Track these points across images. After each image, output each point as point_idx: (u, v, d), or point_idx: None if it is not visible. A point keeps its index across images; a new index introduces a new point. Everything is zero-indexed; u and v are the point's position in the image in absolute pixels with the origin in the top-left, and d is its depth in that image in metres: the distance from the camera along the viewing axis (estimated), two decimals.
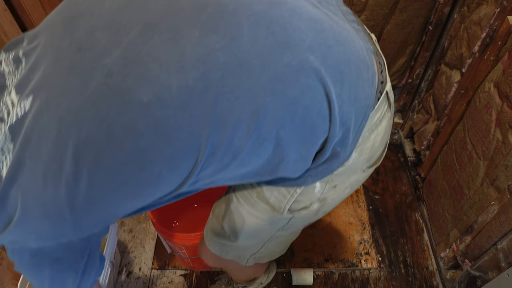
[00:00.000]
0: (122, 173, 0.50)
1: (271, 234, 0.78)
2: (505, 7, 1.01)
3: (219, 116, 0.50)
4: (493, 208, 1.06)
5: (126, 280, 1.40)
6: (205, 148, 0.51)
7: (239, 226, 0.76)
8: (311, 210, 0.71)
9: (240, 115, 0.51)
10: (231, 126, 0.51)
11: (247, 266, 0.90)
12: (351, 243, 1.47)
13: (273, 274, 1.35)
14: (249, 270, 1.06)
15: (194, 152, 0.51)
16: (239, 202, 0.74)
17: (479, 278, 1.13)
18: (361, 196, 1.60)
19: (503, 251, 1.03)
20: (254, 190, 0.70)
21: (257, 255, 0.85)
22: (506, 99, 0.98)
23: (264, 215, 0.72)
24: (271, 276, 1.34)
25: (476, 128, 1.13)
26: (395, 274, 1.41)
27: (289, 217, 0.72)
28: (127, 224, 1.53)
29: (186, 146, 0.50)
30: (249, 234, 0.76)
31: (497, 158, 1.02)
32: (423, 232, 1.50)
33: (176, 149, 0.50)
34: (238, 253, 0.86)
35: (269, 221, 0.73)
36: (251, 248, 0.83)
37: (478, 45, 1.14)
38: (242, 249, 0.83)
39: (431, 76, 1.48)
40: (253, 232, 0.76)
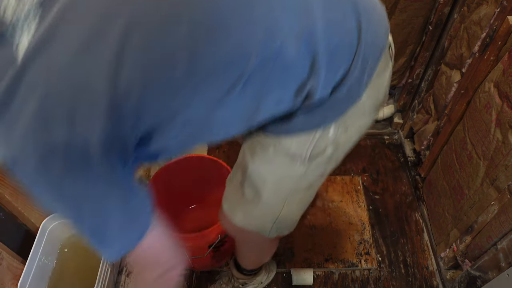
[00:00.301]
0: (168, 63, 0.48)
1: (291, 187, 0.78)
2: (505, 7, 1.01)
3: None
4: (493, 208, 1.06)
5: (126, 280, 1.40)
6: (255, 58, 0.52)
7: (260, 185, 0.77)
8: (325, 156, 0.73)
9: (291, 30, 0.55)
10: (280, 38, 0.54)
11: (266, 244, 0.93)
12: (351, 243, 1.47)
13: (273, 274, 1.36)
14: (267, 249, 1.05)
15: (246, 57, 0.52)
16: (256, 162, 0.75)
17: (479, 278, 1.13)
18: (361, 196, 1.60)
19: (503, 251, 1.03)
20: (271, 145, 0.72)
21: (278, 221, 0.85)
22: (506, 99, 0.98)
23: (283, 168, 0.74)
24: (271, 276, 1.34)
25: (476, 128, 1.13)
26: (395, 274, 1.41)
27: (305, 167, 0.74)
28: None
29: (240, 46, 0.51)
30: (271, 191, 0.77)
31: (497, 158, 1.02)
32: (423, 232, 1.50)
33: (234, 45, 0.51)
34: (261, 220, 0.85)
35: (288, 173, 0.75)
36: (273, 208, 0.82)
37: (478, 45, 1.14)
38: (265, 212, 0.83)
39: (431, 76, 1.48)
40: (274, 189, 0.77)
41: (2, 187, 1.09)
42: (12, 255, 1.17)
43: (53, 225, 1.30)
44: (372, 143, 1.78)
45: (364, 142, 1.78)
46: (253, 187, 0.78)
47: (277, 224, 0.85)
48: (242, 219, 0.85)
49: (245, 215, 0.85)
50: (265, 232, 0.87)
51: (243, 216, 0.85)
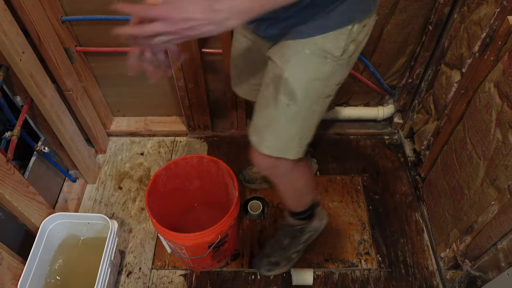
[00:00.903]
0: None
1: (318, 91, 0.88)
2: (505, 7, 1.01)
3: None
4: (493, 208, 1.06)
5: (126, 280, 1.40)
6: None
7: (295, 88, 0.86)
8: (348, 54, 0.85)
9: None
10: None
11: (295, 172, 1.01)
12: (351, 243, 1.47)
13: (325, 222, 1.41)
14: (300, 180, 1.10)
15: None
16: (291, 67, 0.85)
17: (479, 278, 1.13)
18: (361, 196, 1.60)
19: (503, 251, 1.03)
20: (307, 47, 0.83)
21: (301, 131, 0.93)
22: (506, 99, 0.98)
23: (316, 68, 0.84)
24: (323, 223, 1.40)
25: (476, 128, 1.13)
26: (395, 274, 1.41)
27: (333, 66, 0.85)
28: (127, 224, 1.53)
29: None
30: (304, 93, 0.87)
31: (497, 158, 1.02)
32: (423, 232, 1.50)
33: None
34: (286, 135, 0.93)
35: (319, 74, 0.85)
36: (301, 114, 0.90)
37: (478, 45, 1.14)
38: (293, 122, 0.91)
39: (431, 76, 1.48)
40: (307, 91, 0.87)
41: (2, 187, 1.09)
42: (12, 255, 1.17)
43: (53, 225, 1.30)
44: (372, 143, 1.78)
45: (364, 142, 1.78)
46: (288, 92, 0.87)
47: (300, 134, 0.93)
48: (269, 143, 0.93)
49: (272, 135, 0.92)
50: (290, 151, 0.94)
51: (270, 137, 0.93)
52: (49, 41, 1.27)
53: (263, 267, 1.37)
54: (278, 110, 0.89)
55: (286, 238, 1.35)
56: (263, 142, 0.94)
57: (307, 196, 1.21)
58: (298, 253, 1.38)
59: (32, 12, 1.17)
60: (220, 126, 1.79)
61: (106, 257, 1.20)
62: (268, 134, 0.93)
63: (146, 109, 1.79)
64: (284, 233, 1.36)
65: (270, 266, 1.36)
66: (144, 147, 1.79)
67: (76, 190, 1.61)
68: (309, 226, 1.33)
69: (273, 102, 0.89)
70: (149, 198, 1.22)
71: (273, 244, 1.38)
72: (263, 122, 0.94)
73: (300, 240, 1.35)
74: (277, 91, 0.88)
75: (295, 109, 0.89)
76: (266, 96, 0.91)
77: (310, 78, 0.86)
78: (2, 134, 1.25)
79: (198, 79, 1.52)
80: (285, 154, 0.94)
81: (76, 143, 1.47)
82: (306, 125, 0.93)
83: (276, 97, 0.88)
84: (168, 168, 1.30)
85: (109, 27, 1.41)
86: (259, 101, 0.94)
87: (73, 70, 1.45)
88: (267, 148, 0.93)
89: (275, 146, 0.94)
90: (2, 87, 1.25)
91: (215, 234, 1.17)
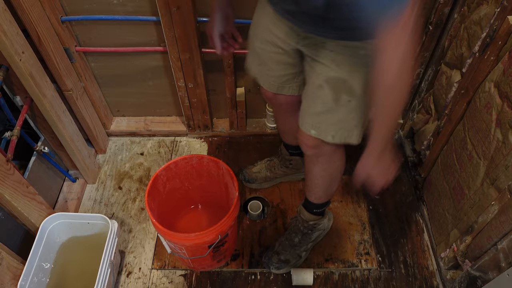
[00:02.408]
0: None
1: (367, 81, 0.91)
2: (505, 7, 1.01)
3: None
4: (493, 208, 1.06)
5: (126, 280, 1.40)
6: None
7: (354, 86, 0.93)
8: None
9: None
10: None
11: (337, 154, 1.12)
12: (351, 243, 1.47)
13: (331, 222, 1.48)
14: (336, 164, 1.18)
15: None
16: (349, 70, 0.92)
17: (479, 278, 1.13)
18: (361, 196, 1.60)
19: (503, 251, 1.03)
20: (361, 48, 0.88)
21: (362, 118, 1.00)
22: (507, 99, 0.98)
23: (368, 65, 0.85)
24: (330, 223, 1.46)
25: (476, 128, 1.13)
26: (395, 274, 1.40)
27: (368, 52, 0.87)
28: (127, 224, 1.53)
29: None
30: (363, 85, 0.93)
31: (497, 158, 1.02)
32: (423, 232, 1.50)
33: None
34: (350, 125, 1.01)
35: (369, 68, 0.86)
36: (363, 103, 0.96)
37: (478, 45, 1.14)
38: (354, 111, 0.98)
39: (431, 76, 1.48)
40: (364, 83, 0.92)
41: (2, 187, 1.09)
42: (12, 255, 1.17)
43: (53, 225, 1.30)
44: None
45: (364, 142, 1.78)
46: (348, 91, 0.93)
47: (361, 121, 1.00)
48: (334, 132, 1.01)
49: (336, 126, 1.00)
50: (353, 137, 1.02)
51: (335, 128, 1.00)
52: (49, 41, 1.27)
53: (272, 264, 1.38)
54: (340, 107, 0.96)
55: (297, 235, 1.38)
56: (328, 133, 1.01)
57: (335, 185, 1.25)
58: (306, 252, 1.40)
59: (32, 12, 1.17)
60: (220, 126, 1.79)
61: (106, 257, 1.20)
62: (332, 126, 1.01)
63: (146, 109, 1.79)
64: (295, 230, 1.39)
65: (280, 264, 1.37)
66: (144, 147, 1.79)
67: (76, 190, 1.61)
68: (321, 223, 1.37)
69: (333, 101, 0.96)
70: (149, 198, 1.21)
71: (283, 241, 1.40)
72: (324, 117, 1.00)
73: (311, 237, 1.38)
74: (337, 92, 0.94)
75: (356, 103, 0.96)
76: (322, 97, 0.97)
77: (366, 76, 0.90)
78: (2, 134, 1.25)
79: (198, 79, 1.52)
80: (349, 139, 1.03)
81: (76, 143, 1.47)
82: (364, 112, 0.99)
83: (336, 97, 0.95)
84: (168, 168, 1.30)
85: (109, 27, 1.43)
86: (312, 99, 1.00)
87: (73, 70, 1.45)
88: (332, 137, 1.02)
89: (339, 135, 1.01)
90: (2, 87, 1.25)
91: (215, 234, 1.17)
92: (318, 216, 1.35)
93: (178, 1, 1.24)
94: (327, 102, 0.97)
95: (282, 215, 1.54)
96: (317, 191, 1.26)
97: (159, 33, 1.42)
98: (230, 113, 1.71)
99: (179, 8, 1.26)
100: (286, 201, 1.58)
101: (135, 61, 1.54)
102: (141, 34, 1.43)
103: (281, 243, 1.40)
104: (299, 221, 1.38)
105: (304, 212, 1.35)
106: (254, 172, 1.60)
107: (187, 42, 1.37)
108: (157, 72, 1.58)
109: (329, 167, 1.16)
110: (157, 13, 1.31)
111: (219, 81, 1.59)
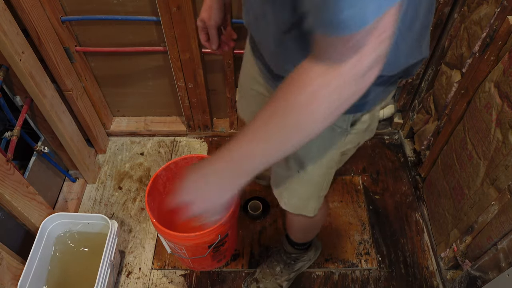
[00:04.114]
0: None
1: (331, 157, 0.83)
2: (506, 7, 1.01)
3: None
4: (493, 208, 1.06)
5: (126, 280, 1.40)
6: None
7: (304, 157, 0.82)
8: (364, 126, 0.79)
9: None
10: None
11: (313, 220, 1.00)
12: (351, 243, 1.47)
13: (319, 251, 1.42)
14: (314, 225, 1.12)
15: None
16: None
17: (479, 278, 1.13)
18: (361, 196, 1.60)
19: (503, 251, 1.03)
20: None
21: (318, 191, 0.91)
22: (507, 99, 0.98)
23: (325, 139, 0.78)
24: (318, 253, 1.41)
25: (476, 128, 1.13)
26: (395, 274, 1.40)
27: (345, 136, 0.78)
28: (127, 224, 1.53)
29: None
30: (314, 161, 0.83)
31: (497, 158, 1.02)
32: (423, 232, 1.50)
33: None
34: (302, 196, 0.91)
35: (330, 143, 0.79)
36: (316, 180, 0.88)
37: (478, 45, 1.14)
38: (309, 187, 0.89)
39: (431, 76, 1.48)
40: (317, 159, 0.82)
41: (2, 187, 1.09)
42: (12, 255, 1.17)
43: (53, 225, 1.30)
44: (372, 143, 1.78)
45: (364, 142, 1.77)
46: (297, 160, 0.83)
47: (316, 194, 0.91)
48: (287, 200, 0.93)
49: (288, 193, 0.92)
50: (307, 209, 0.94)
51: (287, 195, 0.92)
52: (49, 41, 1.27)
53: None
54: (291, 175, 0.87)
55: (278, 264, 1.32)
56: (282, 198, 0.94)
57: (315, 231, 1.20)
58: (288, 282, 1.34)
59: (32, 12, 1.17)
60: (220, 126, 1.79)
61: (106, 257, 1.20)
62: (285, 192, 0.93)
63: (146, 109, 1.79)
64: (277, 259, 1.33)
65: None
66: (144, 147, 1.79)
67: (76, 190, 1.61)
68: (304, 255, 1.32)
69: (285, 166, 0.87)
70: (149, 198, 1.21)
71: (264, 268, 1.35)
72: (279, 180, 0.92)
73: (293, 268, 1.33)
74: (287, 158, 0.83)
75: (307, 177, 0.86)
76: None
77: (318, 149, 0.81)
78: (2, 134, 1.25)
79: (198, 79, 1.52)
80: (302, 212, 0.95)
81: (76, 143, 1.47)
82: (321, 185, 0.90)
83: (286, 163, 0.86)
84: (168, 168, 1.30)
85: (109, 27, 1.43)
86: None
87: (73, 70, 1.45)
88: (285, 204, 0.95)
89: (292, 204, 0.94)
90: (2, 87, 1.25)
91: (215, 234, 1.17)
92: (301, 250, 1.29)
93: (178, 1, 1.24)
94: (280, 164, 0.87)
95: (282, 215, 1.54)
96: (296, 235, 1.20)
97: (159, 33, 1.42)
98: (230, 113, 1.71)
99: (179, 8, 1.26)
100: None
101: (135, 61, 1.54)
102: (141, 34, 1.43)
103: (262, 270, 1.35)
104: (282, 251, 1.31)
105: (287, 245, 1.27)
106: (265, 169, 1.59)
107: (187, 42, 1.37)
108: (157, 72, 1.58)
109: (308, 222, 1.07)
110: (157, 13, 1.31)
111: (219, 81, 1.59)
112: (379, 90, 0.71)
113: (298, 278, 1.38)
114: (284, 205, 0.95)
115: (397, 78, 0.71)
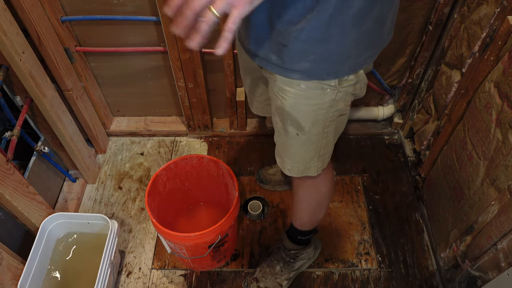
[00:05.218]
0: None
1: (326, 116, 0.86)
2: (505, 7, 1.01)
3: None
4: (493, 208, 1.06)
5: (126, 280, 1.40)
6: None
7: (300, 119, 0.86)
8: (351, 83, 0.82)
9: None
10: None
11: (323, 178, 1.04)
12: (351, 243, 1.47)
13: (319, 251, 1.42)
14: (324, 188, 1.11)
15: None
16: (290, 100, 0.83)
17: (479, 278, 1.13)
18: (361, 196, 1.60)
19: (503, 251, 1.03)
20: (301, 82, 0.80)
21: (318, 151, 0.94)
22: (506, 99, 0.98)
23: (316, 98, 0.82)
24: (317, 252, 1.41)
25: (476, 128, 1.13)
26: (395, 274, 1.41)
27: (335, 94, 0.81)
28: (127, 224, 1.53)
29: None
30: (310, 122, 0.86)
31: (497, 158, 1.02)
32: (423, 232, 1.50)
33: None
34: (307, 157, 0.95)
35: (321, 102, 0.83)
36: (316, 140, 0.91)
37: (478, 45, 1.14)
38: (309, 147, 0.92)
39: (431, 76, 1.48)
40: (313, 119, 0.86)
41: (2, 187, 1.09)
42: (12, 255, 1.17)
43: (53, 225, 1.30)
44: (372, 143, 1.78)
45: (364, 142, 1.78)
46: (294, 123, 0.87)
47: (317, 154, 0.94)
48: (290, 166, 0.97)
49: (290, 159, 0.96)
50: (310, 170, 0.97)
51: (289, 161, 0.96)
52: (49, 41, 1.27)
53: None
54: (290, 139, 0.91)
55: (279, 262, 1.33)
56: (285, 166, 0.98)
57: (321, 212, 1.19)
58: (288, 281, 1.35)
59: (32, 12, 1.17)
60: (220, 126, 1.79)
61: (106, 257, 1.20)
62: (287, 159, 0.97)
63: (146, 109, 1.79)
64: (277, 257, 1.34)
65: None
66: (144, 147, 1.79)
67: (76, 190, 1.61)
68: (304, 253, 1.32)
69: (283, 131, 0.91)
70: (149, 198, 1.22)
71: (264, 267, 1.35)
72: (280, 147, 0.98)
73: (293, 267, 1.33)
74: (284, 122, 0.89)
75: (305, 138, 0.89)
76: (276, 123, 0.93)
77: (312, 109, 0.84)
78: (2, 134, 1.25)
79: (198, 79, 1.52)
80: (305, 173, 0.98)
81: (76, 143, 1.47)
82: (321, 146, 0.93)
83: (284, 128, 0.90)
84: (168, 168, 1.30)
85: (109, 27, 1.43)
86: (274, 124, 0.96)
87: (73, 70, 1.45)
88: (289, 171, 0.98)
89: (295, 168, 0.98)
90: (2, 87, 1.25)
91: (215, 234, 1.17)
92: (300, 245, 1.29)
93: None
94: (279, 130, 0.93)
95: (282, 215, 1.55)
96: (302, 215, 1.18)
97: (159, 33, 1.42)
98: (230, 113, 1.71)
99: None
100: (286, 201, 1.58)
101: (135, 61, 1.54)
102: (141, 34, 1.43)
103: (262, 269, 1.35)
104: (282, 248, 1.33)
105: (287, 240, 1.28)
106: (269, 173, 1.60)
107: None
108: (157, 72, 1.58)
109: (315, 192, 1.10)
110: (157, 13, 1.31)
111: (219, 81, 1.59)
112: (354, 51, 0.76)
113: (298, 278, 1.39)
114: (288, 172, 0.99)
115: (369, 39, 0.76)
